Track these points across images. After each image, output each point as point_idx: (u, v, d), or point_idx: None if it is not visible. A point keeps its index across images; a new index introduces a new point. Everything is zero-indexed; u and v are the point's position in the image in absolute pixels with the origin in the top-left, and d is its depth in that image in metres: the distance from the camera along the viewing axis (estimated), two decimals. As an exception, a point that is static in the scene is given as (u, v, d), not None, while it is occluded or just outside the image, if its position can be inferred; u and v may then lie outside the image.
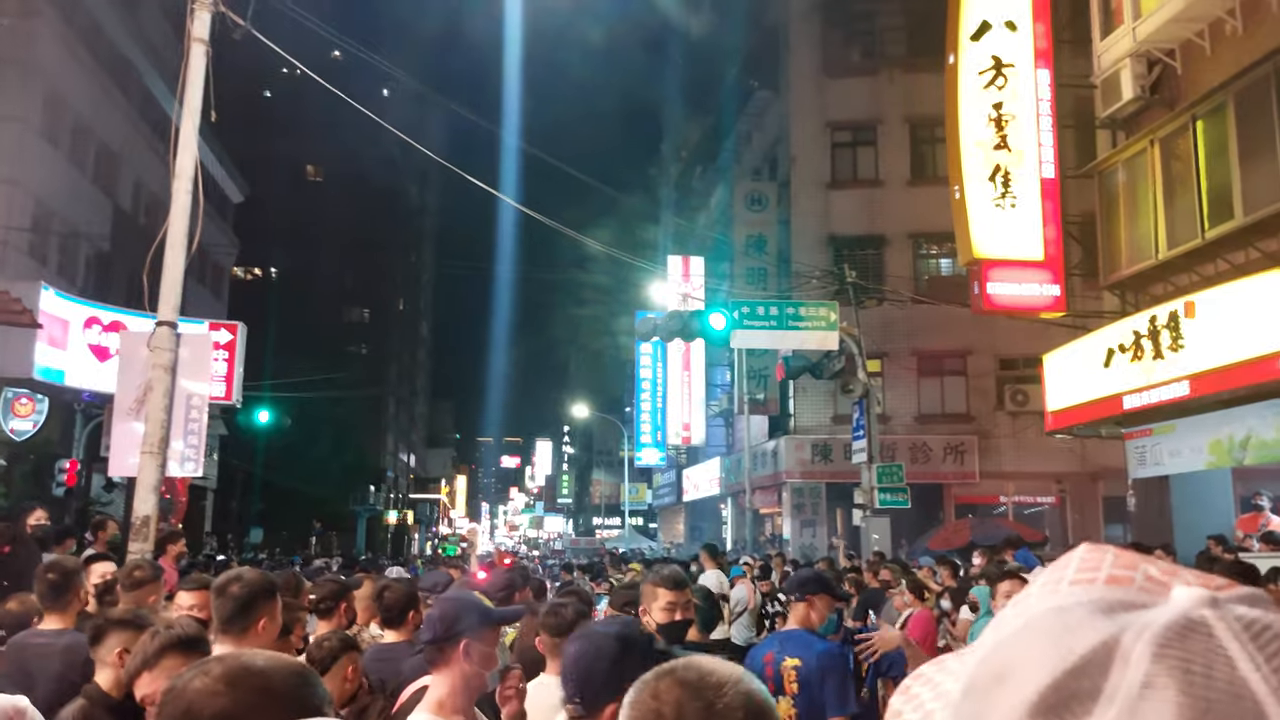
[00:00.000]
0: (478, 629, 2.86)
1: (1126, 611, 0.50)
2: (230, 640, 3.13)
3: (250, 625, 3.22)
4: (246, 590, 3.26)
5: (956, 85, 16.00)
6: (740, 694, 1.33)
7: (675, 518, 41.92)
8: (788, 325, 16.92)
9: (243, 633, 3.20)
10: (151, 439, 8.38)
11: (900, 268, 23.99)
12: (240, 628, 3.21)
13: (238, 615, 3.21)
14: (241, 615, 3.22)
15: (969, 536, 17.03)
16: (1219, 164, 12.84)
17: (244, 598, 3.24)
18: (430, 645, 2.88)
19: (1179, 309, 12.08)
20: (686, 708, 1.31)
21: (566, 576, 17.38)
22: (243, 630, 3.20)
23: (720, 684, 1.34)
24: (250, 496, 40.56)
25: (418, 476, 75.59)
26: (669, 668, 1.39)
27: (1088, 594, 0.52)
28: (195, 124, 8.64)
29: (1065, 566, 0.56)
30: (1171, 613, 0.49)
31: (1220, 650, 0.47)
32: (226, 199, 35.26)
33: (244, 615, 3.22)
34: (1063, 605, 0.52)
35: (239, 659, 1.49)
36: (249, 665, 1.46)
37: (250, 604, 3.24)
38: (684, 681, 1.34)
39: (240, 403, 18.46)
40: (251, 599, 3.25)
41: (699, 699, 1.32)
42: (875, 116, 25.17)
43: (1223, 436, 12.19)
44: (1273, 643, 0.47)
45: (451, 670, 2.84)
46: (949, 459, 23.44)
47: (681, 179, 41.89)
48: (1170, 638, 0.48)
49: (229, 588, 3.28)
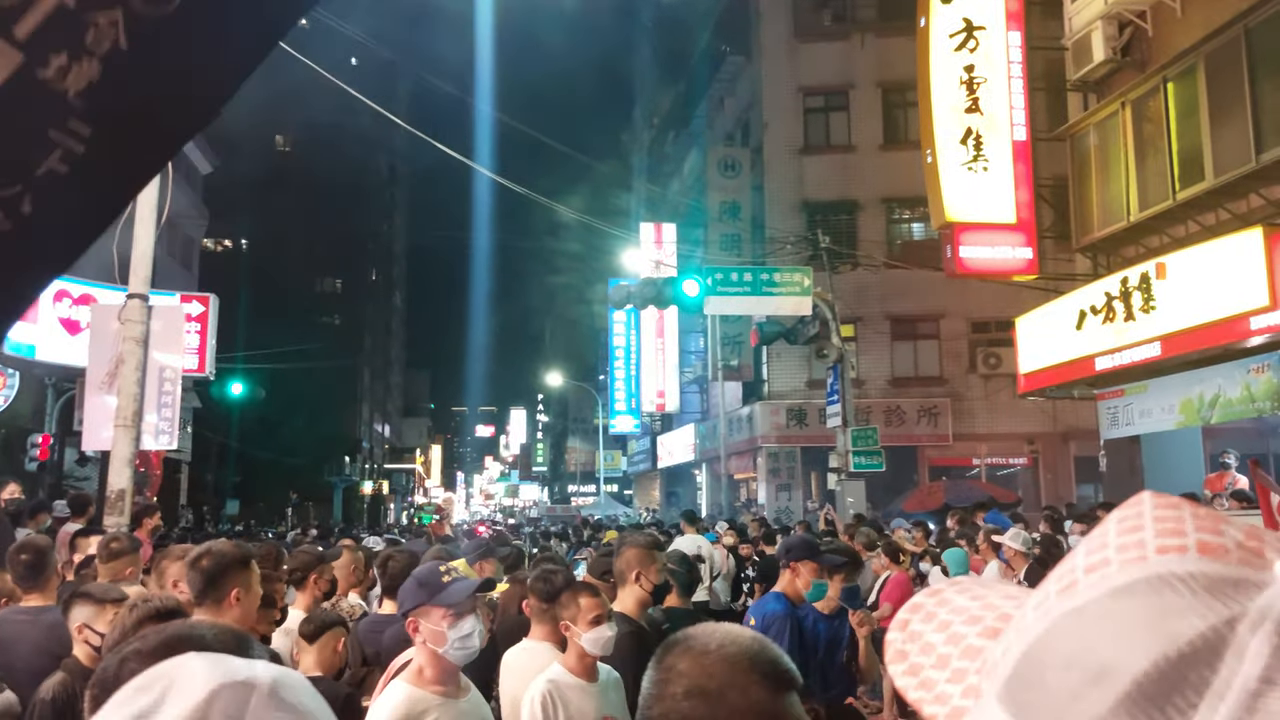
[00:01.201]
0: (420, 607, 2.92)
1: (1235, 591, 0.44)
2: (205, 613, 3.13)
3: (224, 597, 3.22)
4: (216, 562, 3.25)
5: (928, 48, 15.97)
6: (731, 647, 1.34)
7: (651, 484, 42.12)
8: (762, 291, 16.94)
9: (217, 604, 3.19)
10: (125, 412, 8.29)
11: (873, 232, 24.04)
12: (214, 599, 3.20)
13: (210, 587, 3.21)
14: (213, 587, 3.21)
15: (943, 499, 17.25)
16: (1190, 126, 12.93)
17: (214, 570, 3.23)
18: (403, 619, 2.97)
19: (1150, 271, 12.21)
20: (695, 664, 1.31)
21: (544, 544, 17.46)
22: (216, 602, 3.20)
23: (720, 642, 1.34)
24: (226, 469, 40.33)
25: (393, 446, 75.38)
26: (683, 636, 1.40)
27: (1184, 566, 0.46)
28: (161, 92, 8.47)
29: (1139, 524, 0.50)
30: None
31: None
32: (195, 170, 34.67)
33: (216, 587, 3.21)
34: (1158, 578, 0.46)
35: (178, 628, 1.48)
36: (189, 634, 1.44)
37: (220, 576, 3.23)
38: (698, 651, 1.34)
39: (213, 375, 18.28)
40: (222, 570, 3.24)
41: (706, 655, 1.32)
42: (847, 81, 25.09)
43: (1193, 396, 12.38)
44: None
45: (420, 645, 2.94)
46: (922, 422, 23.65)
47: (654, 145, 41.67)
48: None
49: (200, 561, 3.27)
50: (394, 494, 70.31)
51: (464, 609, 2.92)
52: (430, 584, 2.96)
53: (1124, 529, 0.51)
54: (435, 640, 2.91)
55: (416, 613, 2.91)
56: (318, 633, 3.95)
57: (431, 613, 2.91)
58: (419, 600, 2.91)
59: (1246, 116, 11.88)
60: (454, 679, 2.97)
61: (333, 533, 15.18)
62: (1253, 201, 12.34)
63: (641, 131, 44.84)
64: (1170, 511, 0.50)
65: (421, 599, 2.91)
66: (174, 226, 29.51)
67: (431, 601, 2.91)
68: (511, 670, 3.91)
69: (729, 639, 1.36)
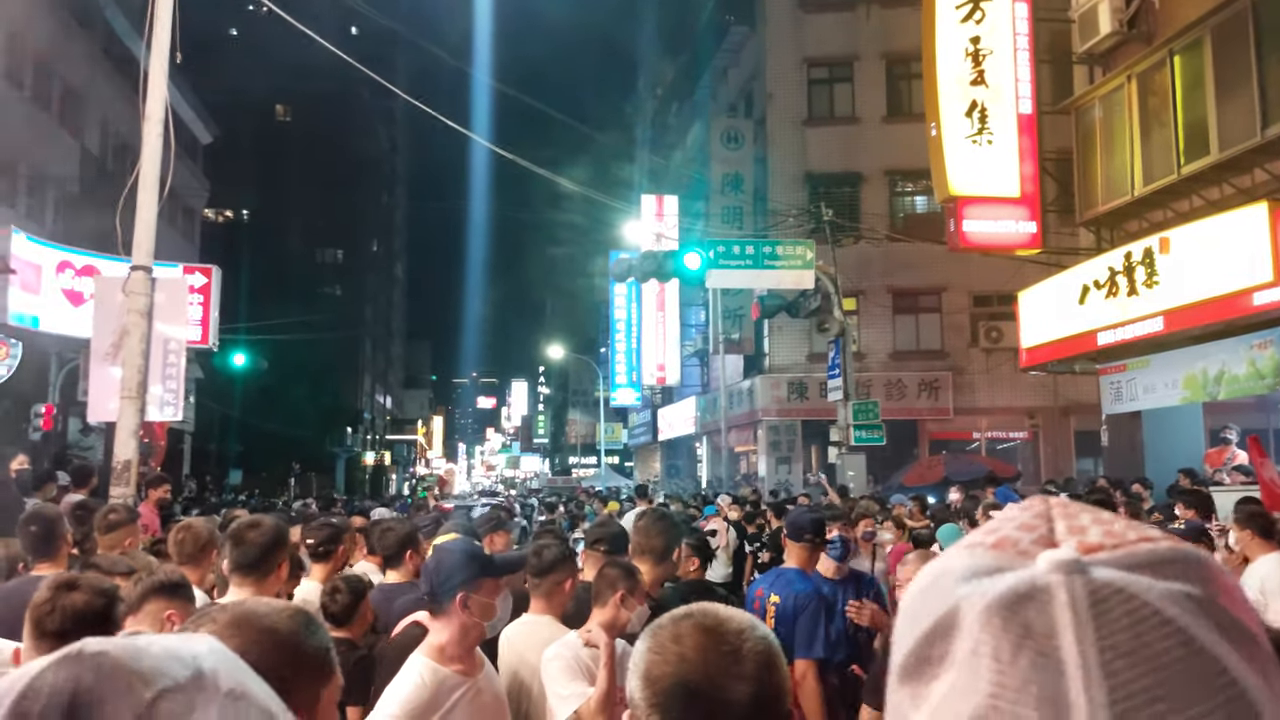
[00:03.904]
0: (475, 581, 2.84)
1: (982, 578, 0.51)
2: (250, 585, 3.17)
3: (272, 570, 3.28)
4: (268, 537, 3.31)
5: (934, 19, 15.83)
6: (758, 639, 1.38)
7: (651, 457, 42.25)
8: (764, 264, 16.90)
9: (264, 578, 3.24)
10: (130, 384, 8.33)
11: (876, 205, 23.96)
12: (262, 573, 3.25)
13: (260, 561, 3.26)
14: (263, 561, 3.26)
15: (943, 472, 17.32)
16: (1195, 100, 12.86)
17: (267, 544, 3.29)
18: (429, 595, 2.87)
19: (1154, 245, 12.19)
20: (710, 652, 1.34)
21: (548, 515, 17.57)
22: (264, 575, 3.25)
23: (740, 630, 1.38)
24: (228, 439, 40.46)
25: (394, 418, 75.57)
26: (685, 612, 1.43)
27: (967, 559, 0.54)
28: (165, 65, 8.43)
29: (985, 527, 0.57)
30: (1015, 580, 0.50)
31: (1047, 617, 0.48)
32: (195, 140, 34.53)
33: (265, 561, 3.27)
34: (940, 570, 0.54)
35: (243, 606, 1.53)
36: (253, 611, 1.49)
37: (272, 549, 3.29)
38: (705, 627, 1.38)
39: (217, 346, 18.32)
40: (273, 544, 3.30)
41: (724, 643, 1.35)
42: (852, 52, 24.91)
43: (1196, 372, 12.39)
44: (1112, 611, 0.48)
45: (451, 619, 2.84)
46: (923, 395, 23.69)
47: (657, 116, 41.41)
48: (1002, 605, 0.49)
49: (248, 534, 3.31)
50: (396, 465, 70.59)
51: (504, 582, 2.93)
52: (480, 557, 2.93)
53: (975, 531, 0.58)
54: (486, 614, 2.87)
55: (469, 586, 2.83)
56: (353, 604, 3.99)
57: (484, 585, 2.87)
58: (471, 574, 2.84)
59: (1252, 90, 11.81)
60: (473, 656, 2.95)
61: (333, 503, 15.25)
62: (1257, 176, 12.29)
63: (645, 102, 44.55)
64: (1010, 514, 0.57)
65: (475, 572, 2.85)
66: (174, 197, 29.32)
67: (484, 575, 2.88)
68: (513, 645, 3.92)
69: None
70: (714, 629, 1.37)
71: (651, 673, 1.35)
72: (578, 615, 3.76)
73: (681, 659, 1.34)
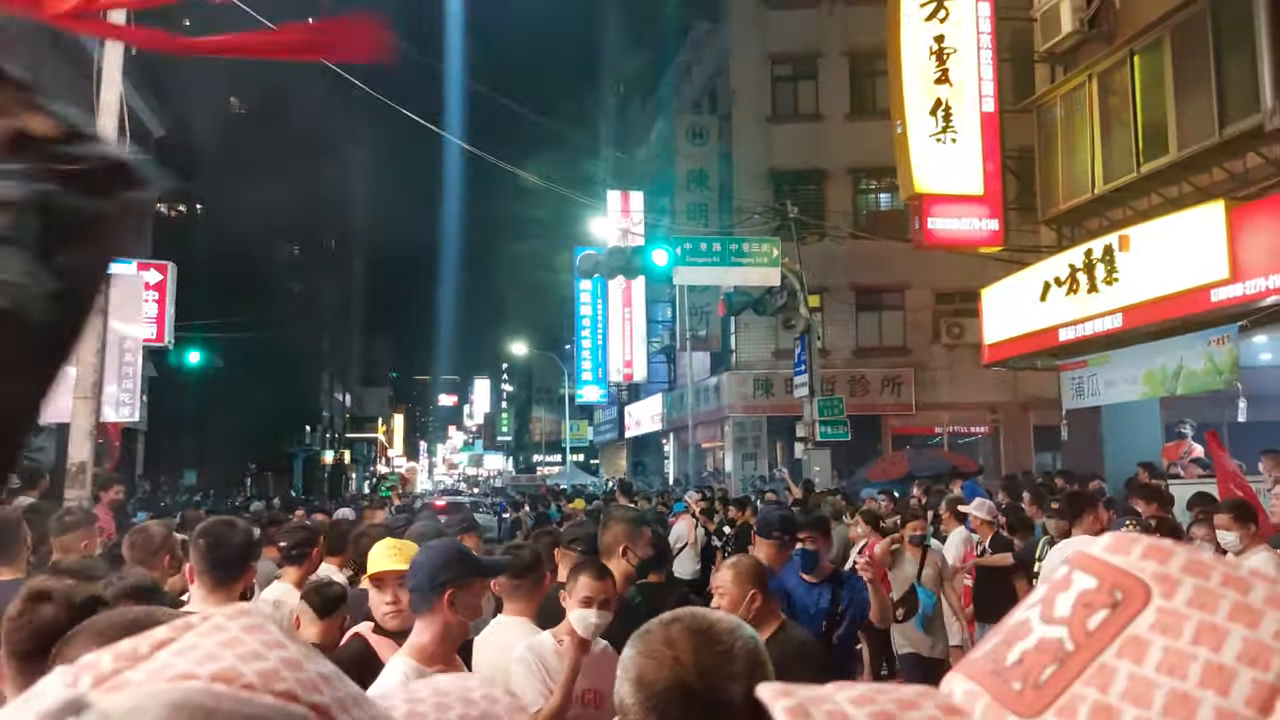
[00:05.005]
0: (464, 579, 2.81)
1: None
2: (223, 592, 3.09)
3: (244, 573, 3.20)
4: (243, 537, 3.23)
5: (899, 18, 15.91)
6: (747, 638, 1.43)
7: (617, 454, 42.21)
8: (730, 261, 16.93)
9: (236, 581, 3.17)
10: (84, 384, 8.12)
11: (840, 203, 24.09)
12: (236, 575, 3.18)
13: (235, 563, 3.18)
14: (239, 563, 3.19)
15: (906, 467, 17.44)
16: (1155, 99, 13.03)
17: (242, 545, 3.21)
18: (415, 592, 2.83)
19: (1113, 243, 12.33)
20: (704, 653, 1.39)
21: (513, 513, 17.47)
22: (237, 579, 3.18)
23: (730, 630, 1.43)
24: (183, 439, 39.78)
25: (354, 416, 74.83)
26: (673, 617, 1.47)
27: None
28: (120, 55, 8.22)
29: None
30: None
31: None
32: (148, 133, 33.89)
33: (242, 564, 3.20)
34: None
35: (130, 616, 1.44)
36: (148, 620, 1.41)
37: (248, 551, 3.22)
38: (696, 629, 1.42)
39: (172, 344, 17.96)
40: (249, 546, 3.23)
41: (717, 644, 1.40)
42: (815, 49, 25.00)
43: (1156, 367, 12.56)
44: None
45: (435, 619, 2.80)
46: (886, 391, 23.87)
47: (621, 112, 41.33)
48: None
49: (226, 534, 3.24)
50: (355, 463, 69.91)
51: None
52: (469, 557, 2.92)
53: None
54: (473, 613, 2.86)
55: (458, 585, 2.80)
56: (331, 607, 3.88)
57: (472, 585, 2.85)
58: (459, 573, 2.81)
59: (1211, 90, 11.98)
60: (455, 657, 2.92)
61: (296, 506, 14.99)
62: (1215, 175, 12.48)
63: (608, 98, 44.44)
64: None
65: (463, 571, 2.83)
66: (128, 191, 28.77)
67: (473, 574, 2.86)
68: (487, 646, 3.87)
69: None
70: (705, 631, 1.41)
71: (645, 677, 1.37)
72: (551, 616, 3.73)
73: (676, 662, 1.37)
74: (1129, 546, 0.49)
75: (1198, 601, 0.45)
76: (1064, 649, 0.46)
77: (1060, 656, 0.46)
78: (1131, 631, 0.45)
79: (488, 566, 2.94)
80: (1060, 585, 0.49)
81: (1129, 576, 0.47)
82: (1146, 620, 0.45)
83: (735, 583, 3.50)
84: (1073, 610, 0.47)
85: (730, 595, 3.46)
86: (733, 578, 3.55)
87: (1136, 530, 4.42)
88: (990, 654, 0.49)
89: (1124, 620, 0.46)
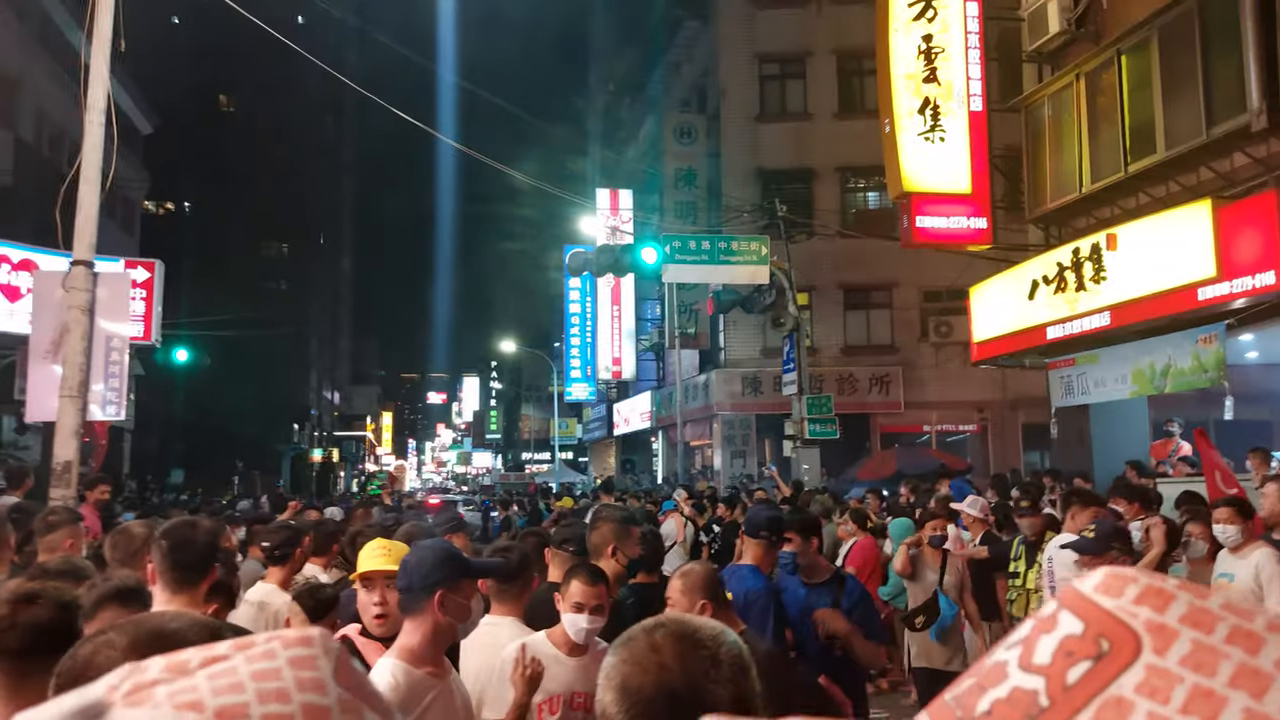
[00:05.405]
0: (454, 580, 2.80)
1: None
2: (185, 594, 3.04)
3: (209, 574, 3.14)
4: (207, 538, 3.17)
5: (887, 17, 15.93)
6: (731, 643, 1.42)
7: (606, 452, 42.17)
8: (719, 260, 16.94)
9: (199, 583, 3.11)
10: (70, 382, 8.06)
11: (828, 201, 24.11)
12: (199, 578, 3.12)
13: (199, 564, 3.12)
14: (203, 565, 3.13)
15: (895, 466, 17.49)
16: (1142, 98, 13.08)
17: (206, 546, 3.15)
18: (405, 593, 2.80)
19: (1101, 241, 12.38)
20: (690, 659, 1.37)
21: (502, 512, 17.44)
22: (199, 581, 3.11)
23: (714, 635, 1.42)
24: (170, 437, 39.59)
25: (343, 414, 74.59)
26: (656, 623, 1.46)
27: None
28: (107, 53, 8.15)
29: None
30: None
31: None
32: (135, 130, 33.63)
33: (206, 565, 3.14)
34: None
35: (146, 625, 1.41)
36: (160, 628, 1.36)
37: (211, 552, 3.15)
38: (680, 635, 1.41)
39: (159, 343, 17.86)
40: (212, 547, 3.16)
41: (701, 649, 1.39)
42: (804, 48, 25.02)
43: (1144, 366, 12.60)
44: None
45: (424, 619, 2.78)
46: (875, 390, 23.91)
47: (609, 111, 41.26)
48: None
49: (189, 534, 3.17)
50: (344, 462, 69.67)
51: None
52: (459, 558, 2.89)
53: None
54: (462, 615, 2.84)
55: (448, 586, 2.77)
56: (324, 611, 3.85)
57: (462, 587, 2.83)
58: (450, 574, 2.79)
59: (1198, 90, 12.03)
60: (443, 658, 2.91)
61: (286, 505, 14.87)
62: (1202, 174, 12.53)
63: (597, 96, 44.37)
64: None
65: (454, 573, 2.80)
66: (114, 188, 28.53)
67: (464, 576, 2.84)
68: (477, 645, 3.86)
69: None
70: (690, 636, 1.40)
71: (630, 684, 1.36)
72: (540, 615, 3.73)
73: (662, 668, 1.36)
74: (1123, 587, 0.44)
75: (1194, 660, 0.40)
76: (1037, 704, 0.42)
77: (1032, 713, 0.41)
78: (1114, 691, 0.40)
79: (478, 568, 2.92)
80: (1045, 625, 0.44)
81: (1119, 624, 0.42)
82: (1132, 679, 0.40)
83: (684, 594, 3.32)
84: (1053, 658, 0.43)
85: (679, 606, 3.29)
86: (682, 588, 3.35)
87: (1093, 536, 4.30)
88: (961, 698, 0.45)
89: (1107, 677, 0.41)
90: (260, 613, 4.44)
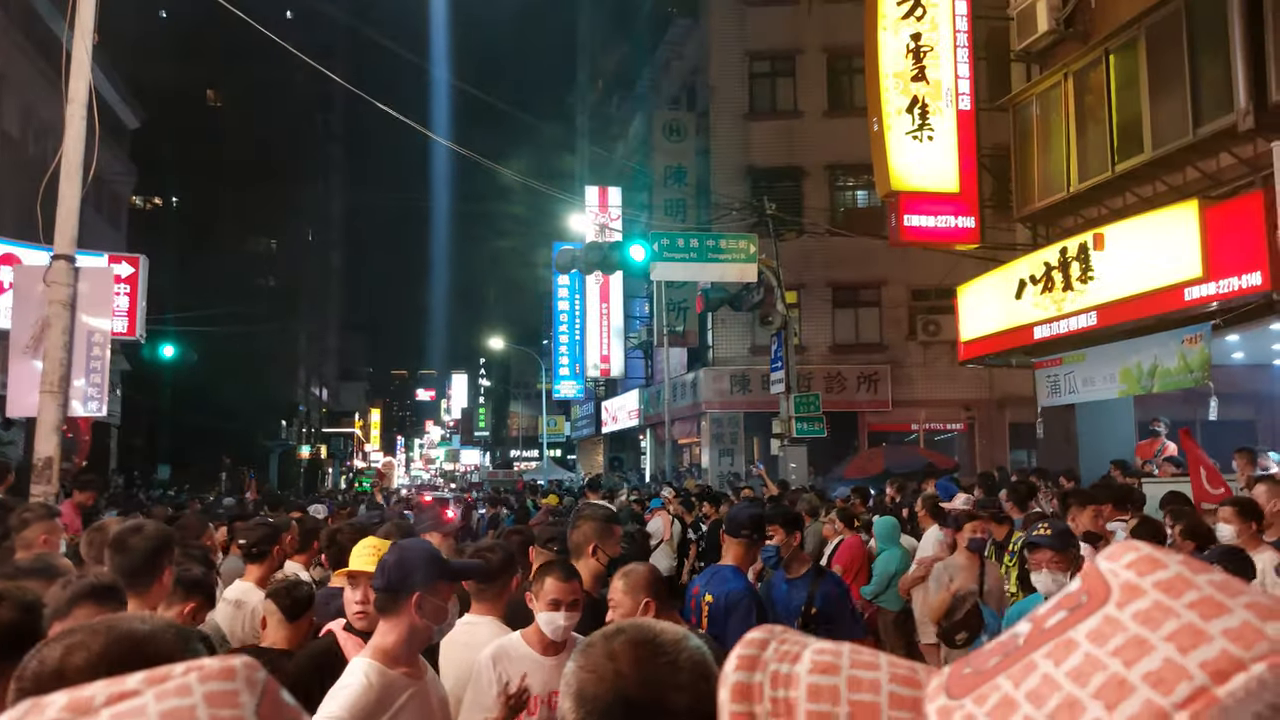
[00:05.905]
0: (431, 582, 2.76)
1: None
2: (134, 598, 2.99)
3: (157, 578, 3.08)
4: (150, 542, 3.10)
5: (876, 16, 15.92)
6: (694, 649, 1.40)
7: (594, 449, 42.14)
8: (708, 257, 16.91)
9: (147, 588, 3.06)
10: (51, 377, 7.98)
11: (817, 199, 24.11)
12: (146, 582, 3.06)
13: (143, 569, 3.06)
14: (147, 569, 3.07)
15: (883, 464, 17.48)
16: (1130, 98, 13.10)
17: (149, 550, 3.08)
18: (382, 593, 2.77)
19: (1088, 241, 12.40)
20: (647, 665, 1.35)
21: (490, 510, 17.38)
22: (148, 585, 3.06)
23: (676, 640, 1.40)
24: (157, 433, 39.37)
25: (331, 410, 74.39)
26: (617, 629, 1.44)
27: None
28: (89, 45, 8.07)
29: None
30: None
31: None
32: (122, 124, 33.44)
33: (150, 569, 3.07)
34: None
35: (117, 626, 1.38)
36: (130, 630, 1.35)
37: (156, 556, 3.09)
38: (639, 641, 1.39)
39: (144, 338, 17.73)
40: (157, 551, 3.10)
41: (661, 655, 1.37)
42: (794, 46, 25.01)
43: (1131, 365, 12.63)
44: None
45: (400, 621, 2.75)
46: (862, 388, 23.94)
47: (599, 108, 41.19)
48: None
49: (129, 540, 3.11)
50: (332, 458, 69.50)
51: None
52: (439, 560, 2.86)
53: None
54: (439, 617, 2.81)
55: (425, 588, 2.75)
56: (300, 609, 3.80)
57: (440, 589, 2.80)
58: (428, 575, 2.76)
59: (1185, 90, 12.06)
60: (419, 659, 2.88)
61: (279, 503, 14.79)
62: (1189, 174, 12.57)
63: (586, 93, 44.29)
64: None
65: (432, 574, 2.77)
66: (100, 183, 28.46)
67: (441, 578, 2.81)
68: (455, 645, 3.83)
69: None
70: (649, 642, 1.39)
71: (586, 691, 1.35)
72: (527, 616, 3.70)
73: (618, 675, 1.35)
74: (1122, 553, 0.49)
75: (1146, 615, 0.44)
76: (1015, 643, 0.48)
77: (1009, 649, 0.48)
78: (1070, 635, 0.45)
79: (457, 570, 2.88)
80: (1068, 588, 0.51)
81: (1103, 582, 0.47)
82: (1088, 626, 0.45)
83: (627, 593, 3.27)
84: (1049, 609, 0.49)
85: (623, 607, 3.23)
86: (624, 588, 3.30)
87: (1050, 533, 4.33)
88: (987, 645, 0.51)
89: (1072, 623, 0.46)
90: (237, 611, 4.39)
